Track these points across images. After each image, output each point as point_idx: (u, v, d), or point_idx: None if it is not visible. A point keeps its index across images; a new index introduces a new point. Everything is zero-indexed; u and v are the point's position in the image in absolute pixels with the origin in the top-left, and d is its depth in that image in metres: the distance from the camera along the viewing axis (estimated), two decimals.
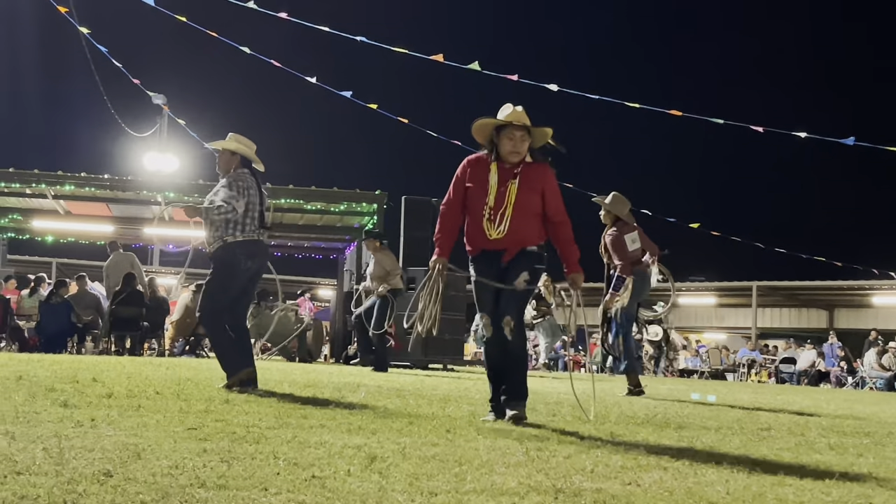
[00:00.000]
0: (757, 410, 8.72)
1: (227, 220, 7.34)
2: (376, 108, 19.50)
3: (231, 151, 7.72)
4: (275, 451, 3.93)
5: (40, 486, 2.90)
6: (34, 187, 18.90)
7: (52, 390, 6.12)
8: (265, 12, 18.07)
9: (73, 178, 18.80)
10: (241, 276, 7.46)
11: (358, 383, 9.10)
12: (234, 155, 7.72)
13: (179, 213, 20.23)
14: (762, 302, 37.03)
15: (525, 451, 4.46)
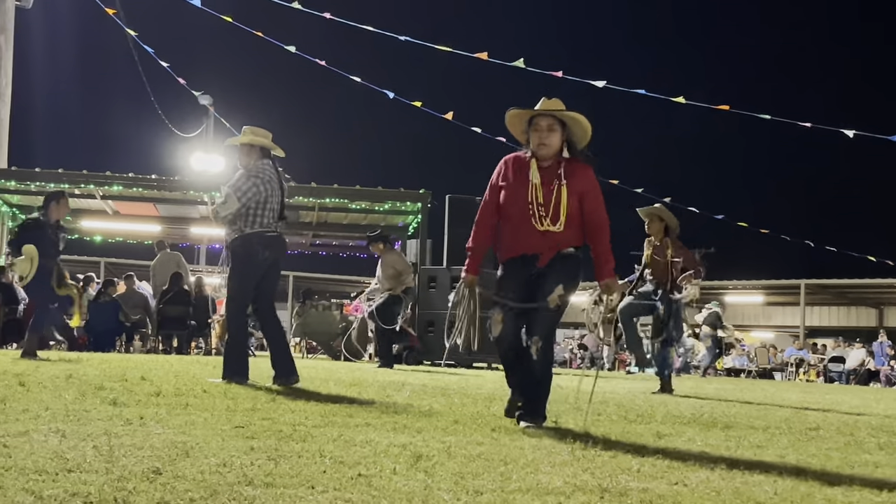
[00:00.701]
0: (805, 410, 8.63)
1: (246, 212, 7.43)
2: (420, 105, 19.53)
3: (249, 144, 7.78)
4: (321, 449, 3.95)
5: (91, 484, 2.94)
6: (83, 188, 19.12)
7: (102, 389, 6.19)
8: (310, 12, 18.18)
9: (121, 178, 18.99)
10: (259, 267, 7.55)
11: (403, 382, 9.12)
12: (253, 147, 7.78)
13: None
14: (810, 300, 36.61)
15: (570, 450, 4.45)
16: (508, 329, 5.53)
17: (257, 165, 7.67)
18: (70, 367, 7.58)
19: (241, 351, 7.64)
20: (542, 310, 5.45)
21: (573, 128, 5.59)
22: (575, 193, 5.53)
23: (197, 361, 11.56)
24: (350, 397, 6.75)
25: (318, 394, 6.87)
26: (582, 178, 5.57)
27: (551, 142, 5.53)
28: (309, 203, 19.78)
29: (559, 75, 17.51)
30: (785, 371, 27.98)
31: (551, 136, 5.53)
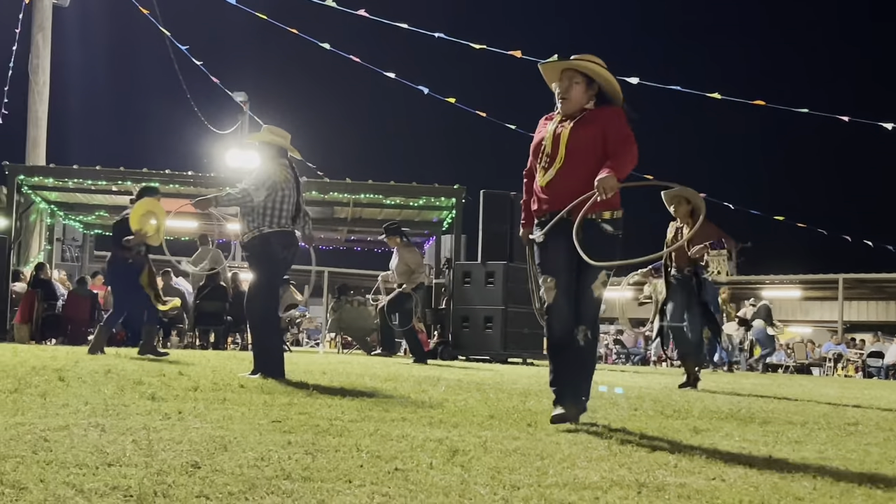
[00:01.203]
0: (843, 405, 8.55)
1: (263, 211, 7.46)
2: (454, 101, 19.54)
3: (267, 144, 7.89)
4: (358, 443, 3.96)
5: (131, 477, 2.96)
6: (120, 185, 19.28)
7: (140, 383, 6.24)
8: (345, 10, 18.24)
9: (158, 175, 19.13)
10: (280, 266, 7.59)
11: (438, 377, 9.13)
12: (271, 146, 7.88)
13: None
14: (849, 295, 36.29)
15: (607, 445, 4.43)
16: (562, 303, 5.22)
17: (275, 166, 7.75)
18: (108, 362, 7.65)
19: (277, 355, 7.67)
20: (589, 295, 5.24)
21: (600, 81, 5.29)
22: (598, 135, 5.17)
23: (234, 356, 11.64)
24: (386, 392, 6.77)
25: (354, 389, 6.90)
26: (606, 118, 5.22)
27: (571, 95, 5.26)
28: (344, 199, 19.85)
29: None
30: (823, 366, 27.73)
31: (571, 90, 5.26)
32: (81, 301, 16.62)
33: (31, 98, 22.11)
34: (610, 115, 5.24)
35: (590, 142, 5.16)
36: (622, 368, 19.64)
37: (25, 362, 7.44)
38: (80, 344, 15.03)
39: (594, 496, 3.12)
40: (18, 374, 6.30)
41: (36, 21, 22.11)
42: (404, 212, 20.85)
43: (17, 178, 18.22)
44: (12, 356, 8.28)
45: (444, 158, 79.14)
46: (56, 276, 18.63)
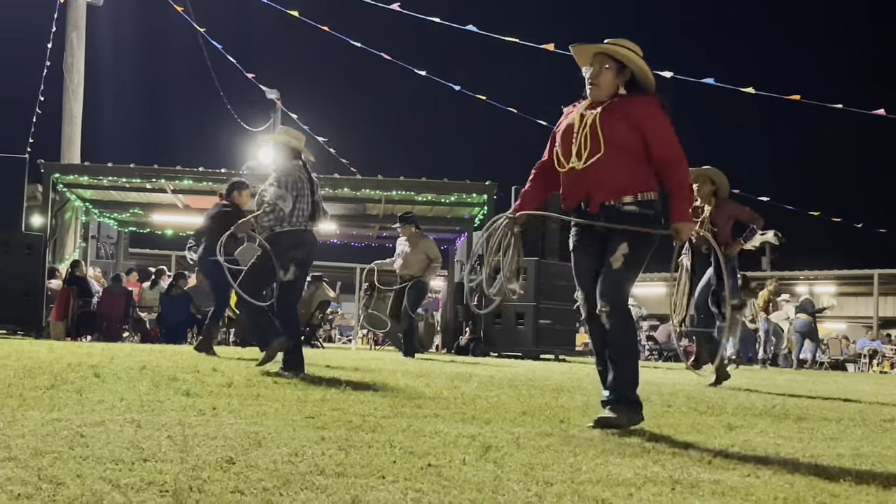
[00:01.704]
0: (879, 402, 8.48)
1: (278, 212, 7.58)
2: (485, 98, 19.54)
3: (283, 144, 7.98)
4: (391, 439, 3.98)
5: (166, 473, 2.99)
6: (154, 182, 19.40)
7: (175, 380, 6.29)
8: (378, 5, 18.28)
9: (191, 172, 19.23)
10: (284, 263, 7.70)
11: (470, 373, 9.13)
12: (286, 147, 7.97)
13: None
14: (884, 290, 35.94)
15: (640, 441, 4.42)
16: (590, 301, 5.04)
17: (290, 166, 7.86)
18: (143, 359, 7.71)
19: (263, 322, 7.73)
20: (607, 270, 4.91)
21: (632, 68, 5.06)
22: (630, 124, 4.93)
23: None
24: (418, 388, 6.78)
25: (387, 385, 6.91)
26: (639, 107, 4.98)
27: (601, 80, 5.03)
28: (375, 196, 19.88)
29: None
30: (858, 362, 27.50)
31: (601, 75, 5.03)
32: (116, 298, 16.75)
33: (65, 96, 22.30)
34: (645, 109, 4.97)
35: (626, 135, 4.92)
36: (655, 364, 19.55)
37: (61, 359, 7.51)
38: (114, 340, 15.16)
39: (628, 492, 3.11)
40: (54, 371, 6.36)
41: (70, 20, 22.30)
42: (436, 208, 20.84)
43: (53, 176, 18.38)
44: (48, 353, 8.36)
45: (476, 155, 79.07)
46: (91, 274, 18.79)
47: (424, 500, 2.83)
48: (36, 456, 3.16)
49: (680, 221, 4.96)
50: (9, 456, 3.13)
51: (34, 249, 14.66)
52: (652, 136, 4.93)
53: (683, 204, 4.98)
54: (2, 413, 4.19)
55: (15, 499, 2.56)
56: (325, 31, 19.85)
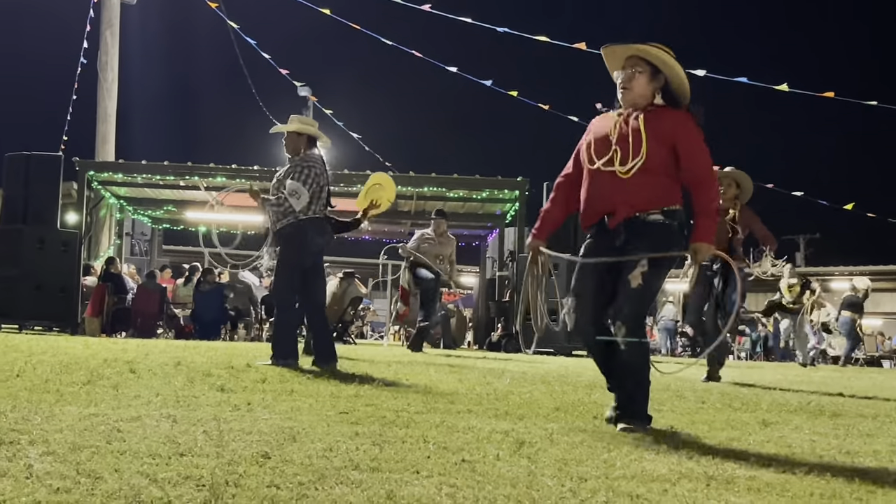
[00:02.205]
0: None
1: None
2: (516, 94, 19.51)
3: (297, 133, 7.93)
4: (424, 435, 3.98)
5: (203, 467, 3.01)
6: (187, 179, 19.50)
7: (209, 375, 6.33)
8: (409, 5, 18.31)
9: (224, 169, 19.32)
10: (310, 252, 7.72)
11: (503, 369, 9.12)
12: (301, 136, 7.93)
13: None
14: None
15: (674, 437, 4.41)
16: (584, 318, 4.83)
17: (307, 157, 7.86)
18: (178, 355, 7.76)
19: (290, 329, 7.75)
20: (625, 288, 4.67)
21: (667, 73, 4.81)
22: (661, 138, 4.68)
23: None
24: (451, 384, 6.79)
25: (419, 381, 6.92)
26: (672, 122, 4.73)
27: (633, 85, 4.79)
28: (407, 192, 19.89)
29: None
30: (893, 359, 27.25)
31: (635, 80, 4.79)
32: (150, 294, 16.86)
33: (100, 95, 22.46)
34: (679, 122, 4.75)
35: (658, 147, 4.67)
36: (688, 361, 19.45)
37: (97, 355, 7.57)
38: (148, 336, 15.26)
39: (662, 488, 3.10)
40: (90, 367, 6.42)
41: (104, 18, 22.46)
42: (467, 204, 20.83)
43: (87, 173, 18.53)
44: (84, 349, 8.43)
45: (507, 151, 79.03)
46: (125, 270, 18.93)
47: (459, 496, 2.83)
48: (74, 450, 3.19)
49: (701, 241, 4.71)
50: (47, 450, 3.16)
51: (69, 246, 14.77)
52: (684, 152, 4.69)
53: (708, 224, 4.73)
54: (40, 408, 4.24)
55: (54, 492, 2.59)
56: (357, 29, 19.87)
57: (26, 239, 14.16)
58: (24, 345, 8.38)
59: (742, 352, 27.90)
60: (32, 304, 13.97)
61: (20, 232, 14.23)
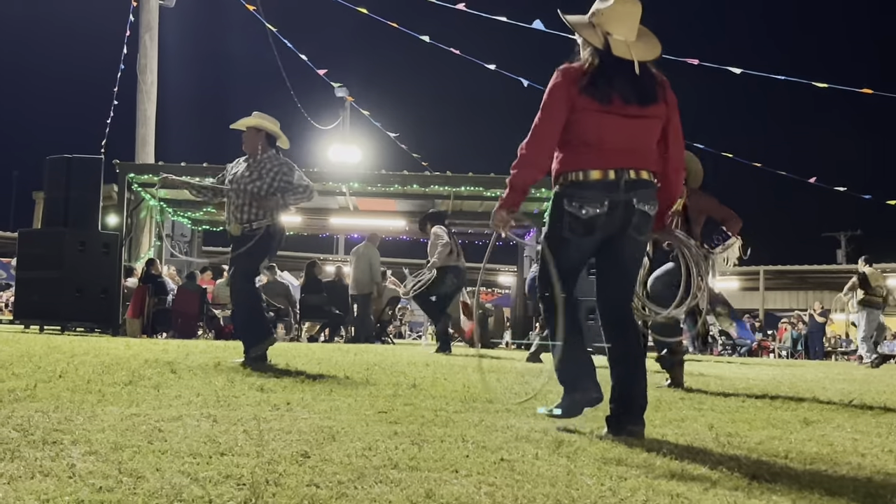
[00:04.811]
0: None
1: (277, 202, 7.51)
2: None
3: (256, 129, 7.69)
4: (463, 434, 3.99)
5: (243, 466, 3.03)
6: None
7: (249, 375, 6.36)
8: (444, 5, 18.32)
9: None
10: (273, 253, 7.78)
11: (541, 368, 9.11)
12: (260, 132, 7.69)
13: (364, 203, 20.66)
14: None
15: (714, 436, 4.38)
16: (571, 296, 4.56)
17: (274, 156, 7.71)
18: (218, 355, 7.81)
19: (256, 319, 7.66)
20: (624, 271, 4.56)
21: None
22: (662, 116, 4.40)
23: (338, 349, 11.77)
24: (489, 383, 6.78)
25: (457, 380, 6.92)
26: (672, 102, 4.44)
27: None
28: (444, 192, 19.90)
29: (695, 62, 17.28)
30: None
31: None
32: (190, 296, 16.99)
33: (139, 97, 22.65)
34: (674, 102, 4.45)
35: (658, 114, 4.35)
36: (728, 360, 19.33)
37: (138, 355, 7.64)
38: (189, 337, 15.37)
39: (703, 487, 3.08)
40: (132, 367, 6.47)
41: (143, 21, 22.64)
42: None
43: (128, 175, 18.68)
44: (125, 349, 8.50)
45: None
46: (166, 272, 19.07)
47: (498, 495, 2.83)
48: (116, 450, 3.22)
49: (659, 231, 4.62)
50: (90, 450, 3.20)
51: (110, 248, 14.89)
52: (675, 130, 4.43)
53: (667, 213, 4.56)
54: (82, 409, 4.28)
55: (97, 492, 2.62)
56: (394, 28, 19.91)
57: (68, 241, 14.29)
58: (67, 346, 8.46)
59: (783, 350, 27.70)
60: (74, 306, 14.09)
61: (62, 234, 14.37)
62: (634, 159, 4.27)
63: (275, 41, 23.25)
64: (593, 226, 4.27)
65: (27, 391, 4.81)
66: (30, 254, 14.46)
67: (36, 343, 8.74)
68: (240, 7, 21.81)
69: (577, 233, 4.31)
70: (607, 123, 4.25)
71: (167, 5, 23.04)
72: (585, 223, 4.27)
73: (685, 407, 5.78)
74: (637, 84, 4.29)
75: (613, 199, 4.23)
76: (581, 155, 4.28)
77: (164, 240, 21.34)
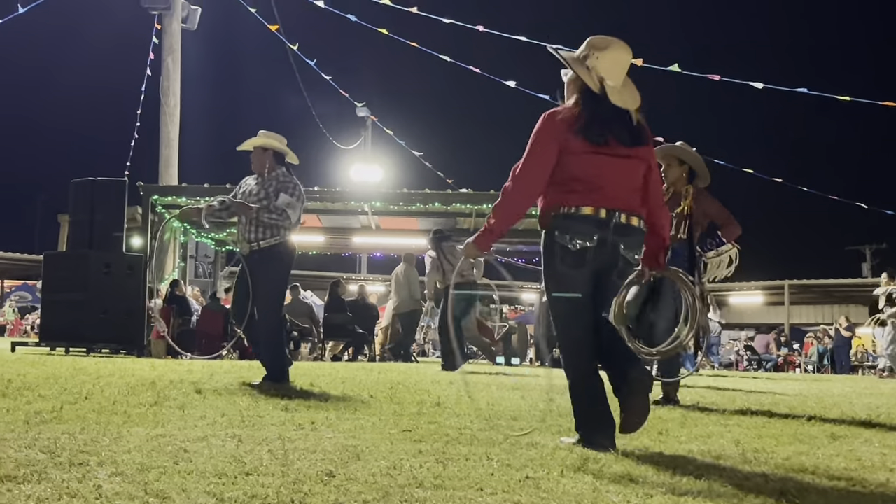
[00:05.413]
0: None
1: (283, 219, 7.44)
2: None
3: (262, 148, 7.68)
4: (487, 452, 3.98)
5: (268, 486, 3.03)
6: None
7: (273, 395, 6.37)
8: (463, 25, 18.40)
9: None
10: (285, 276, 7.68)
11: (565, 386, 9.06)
12: (266, 151, 7.68)
13: (386, 221, 20.70)
14: None
15: (741, 452, 4.36)
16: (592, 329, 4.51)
17: (284, 174, 7.68)
18: (243, 375, 7.84)
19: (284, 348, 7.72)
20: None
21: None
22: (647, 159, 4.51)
23: (362, 368, 11.79)
24: (513, 401, 6.76)
25: (481, 398, 6.91)
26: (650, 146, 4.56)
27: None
28: (466, 209, 19.90)
29: (716, 78, 17.28)
30: None
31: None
32: (214, 316, 17.03)
33: (162, 120, 22.79)
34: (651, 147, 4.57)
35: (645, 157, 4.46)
36: (754, 375, 19.21)
37: (163, 376, 7.66)
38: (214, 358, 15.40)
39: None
40: (157, 388, 6.50)
41: (165, 45, 22.80)
42: (526, 221, 20.74)
43: (152, 197, 18.78)
44: (150, 370, 8.54)
45: None
46: (190, 293, 19.16)
47: None
48: (142, 471, 3.23)
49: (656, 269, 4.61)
50: (116, 471, 3.21)
51: (135, 270, 14.96)
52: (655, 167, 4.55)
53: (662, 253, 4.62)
54: (108, 430, 4.30)
55: None
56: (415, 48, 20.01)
57: (93, 263, 14.37)
58: (92, 368, 8.51)
59: (809, 365, 27.50)
60: (100, 328, 14.15)
61: (87, 256, 14.45)
62: (625, 201, 4.35)
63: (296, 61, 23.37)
64: (584, 259, 4.33)
65: (53, 413, 4.83)
66: (55, 276, 14.56)
67: (62, 365, 8.79)
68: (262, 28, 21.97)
69: (569, 265, 4.35)
70: (600, 164, 4.33)
71: (189, 28, 23.20)
72: (575, 255, 4.33)
73: (711, 423, 5.75)
74: (629, 127, 4.39)
75: (602, 237, 4.30)
76: (573, 192, 4.36)
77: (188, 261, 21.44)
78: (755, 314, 38.31)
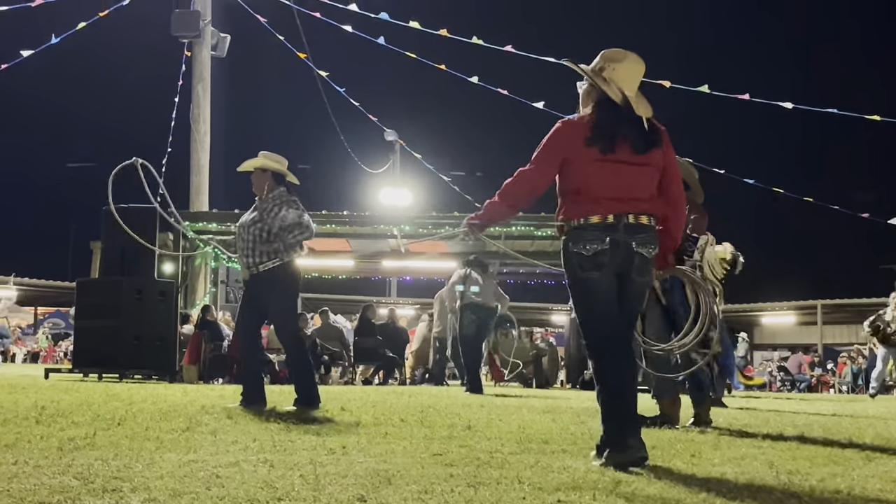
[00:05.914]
0: None
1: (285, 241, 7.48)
2: None
3: (262, 169, 7.70)
4: (519, 475, 3.97)
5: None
6: None
7: (304, 419, 6.39)
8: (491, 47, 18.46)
9: (315, 215, 19.53)
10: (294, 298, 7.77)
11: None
12: (265, 172, 7.69)
13: (415, 245, 20.72)
14: None
15: (775, 474, 4.32)
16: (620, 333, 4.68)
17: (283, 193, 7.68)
18: (273, 400, 7.85)
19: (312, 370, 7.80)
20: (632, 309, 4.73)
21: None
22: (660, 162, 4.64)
23: (392, 391, 11.79)
24: (544, 424, 6.74)
25: (512, 421, 6.89)
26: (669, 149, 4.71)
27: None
28: (495, 232, 19.89)
29: (746, 97, 17.26)
30: None
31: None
32: None
33: (192, 147, 22.97)
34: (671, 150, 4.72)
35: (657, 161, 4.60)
36: (788, 395, 19.05)
37: (195, 401, 7.70)
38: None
39: None
40: (189, 413, 6.53)
41: (195, 72, 23.00)
42: (555, 243, 20.68)
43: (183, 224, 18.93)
44: (182, 396, 8.58)
45: None
46: (221, 318, 19.23)
47: None
48: (174, 497, 3.25)
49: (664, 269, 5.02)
50: (149, 497, 3.22)
51: (166, 296, 15.04)
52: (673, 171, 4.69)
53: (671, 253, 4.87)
54: (141, 455, 4.32)
55: None
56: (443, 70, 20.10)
57: (125, 290, 14.45)
58: (125, 393, 8.56)
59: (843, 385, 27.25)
60: (132, 354, 14.22)
61: (119, 283, 14.54)
62: (634, 205, 4.49)
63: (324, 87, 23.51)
64: (600, 262, 4.49)
65: (87, 439, 4.86)
66: (88, 303, 14.66)
67: (95, 391, 8.84)
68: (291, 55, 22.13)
69: (587, 269, 4.50)
70: (610, 172, 4.49)
71: (218, 56, 23.40)
72: (591, 259, 4.49)
73: (744, 444, 5.71)
74: (644, 134, 4.55)
75: (614, 239, 4.46)
76: (582, 204, 4.53)
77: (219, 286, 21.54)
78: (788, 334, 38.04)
